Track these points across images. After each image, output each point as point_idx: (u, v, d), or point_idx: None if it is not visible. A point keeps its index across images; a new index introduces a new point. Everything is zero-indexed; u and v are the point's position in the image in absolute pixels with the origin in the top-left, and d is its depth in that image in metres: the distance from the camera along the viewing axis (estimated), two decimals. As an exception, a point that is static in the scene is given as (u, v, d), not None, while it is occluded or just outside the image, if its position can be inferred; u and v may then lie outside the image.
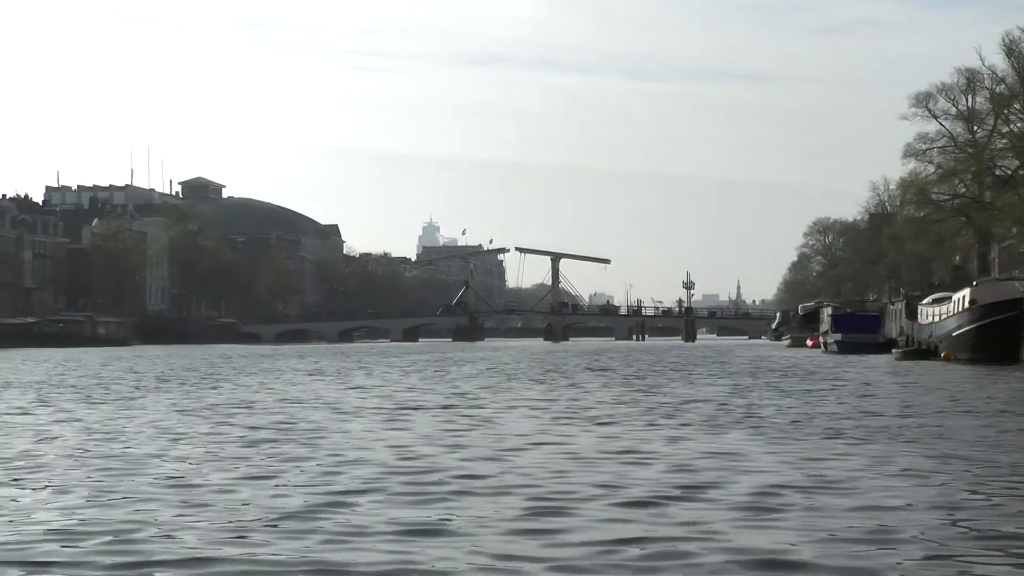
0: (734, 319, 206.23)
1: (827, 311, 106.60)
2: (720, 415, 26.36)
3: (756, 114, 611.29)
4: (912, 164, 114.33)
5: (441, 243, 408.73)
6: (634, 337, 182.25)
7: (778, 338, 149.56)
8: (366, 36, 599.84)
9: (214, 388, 41.25)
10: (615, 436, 21.30)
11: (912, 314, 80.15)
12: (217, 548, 10.88)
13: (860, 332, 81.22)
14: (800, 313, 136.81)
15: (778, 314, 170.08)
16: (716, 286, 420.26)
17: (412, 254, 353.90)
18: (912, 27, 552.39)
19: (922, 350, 68.69)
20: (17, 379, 50.25)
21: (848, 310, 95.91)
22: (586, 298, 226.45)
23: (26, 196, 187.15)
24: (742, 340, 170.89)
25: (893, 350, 73.52)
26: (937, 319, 68.85)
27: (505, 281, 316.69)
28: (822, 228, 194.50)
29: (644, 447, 19.22)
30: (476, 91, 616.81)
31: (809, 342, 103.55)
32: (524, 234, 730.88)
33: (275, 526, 12.04)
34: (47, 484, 15.50)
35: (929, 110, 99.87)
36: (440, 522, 12.09)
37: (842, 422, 24.16)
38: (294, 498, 13.88)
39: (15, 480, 16.01)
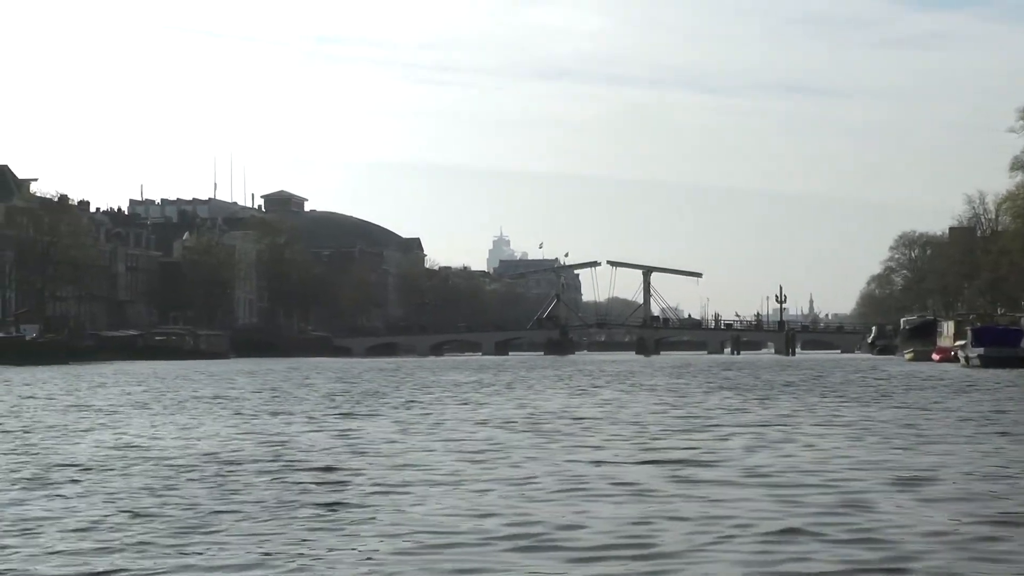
0: (826, 333, 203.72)
1: (948, 324, 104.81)
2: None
3: (824, 128, 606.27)
4: (1020, 176, 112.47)
5: (516, 257, 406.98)
6: (728, 351, 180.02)
7: (880, 352, 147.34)
8: (434, 50, 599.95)
9: (465, 403, 40.69)
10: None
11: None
12: None
13: (1003, 346, 79.22)
14: (905, 327, 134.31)
15: (874, 328, 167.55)
16: (787, 300, 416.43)
17: (482, 267, 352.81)
18: (982, 40, 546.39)
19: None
20: (201, 393, 49.52)
21: (979, 324, 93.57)
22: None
23: (118, 209, 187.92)
24: (834, 354, 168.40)
25: None
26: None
27: (581, 295, 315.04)
28: (907, 242, 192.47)
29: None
30: (543, 105, 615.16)
31: (935, 356, 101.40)
32: (593, 247, 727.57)
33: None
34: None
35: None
36: None
37: None
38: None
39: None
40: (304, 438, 26.04)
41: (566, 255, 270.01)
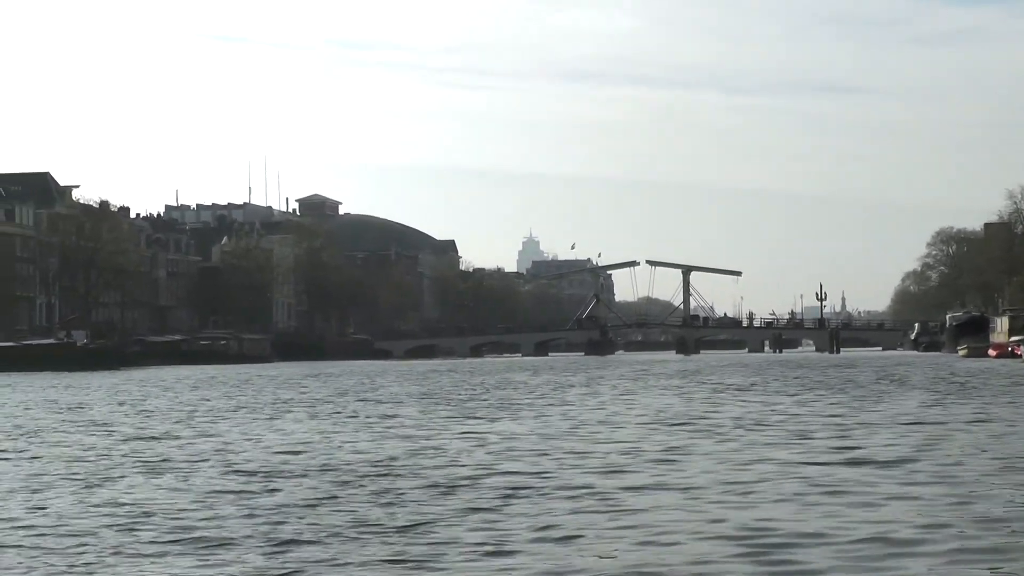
0: (866, 330, 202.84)
1: (1002, 320, 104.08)
2: None
3: (853, 127, 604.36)
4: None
5: (547, 258, 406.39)
6: (770, 349, 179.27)
7: (926, 348, 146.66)
8: (462, 54, 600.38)
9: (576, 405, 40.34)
10: None
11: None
12: None
13: None
14: (952, 323, 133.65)
15: (916, 325, 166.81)
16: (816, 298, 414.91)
17: (512, 268, 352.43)
18: (1013, 35, 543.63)
19: None
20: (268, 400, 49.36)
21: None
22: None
23: (158, 215, 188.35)
24: (877, 352, 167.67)
25: None
26: None
27: (614, 295, 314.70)
28: (945, 238, 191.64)
29: None
30: (571, 107, 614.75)
31: (992, 352, 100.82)
32: (624, 247, 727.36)
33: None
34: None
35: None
36: None
37: None
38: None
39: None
40: (456, 443, 25.72)
41: (599, 255, 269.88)
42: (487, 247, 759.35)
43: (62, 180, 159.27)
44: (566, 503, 15.92)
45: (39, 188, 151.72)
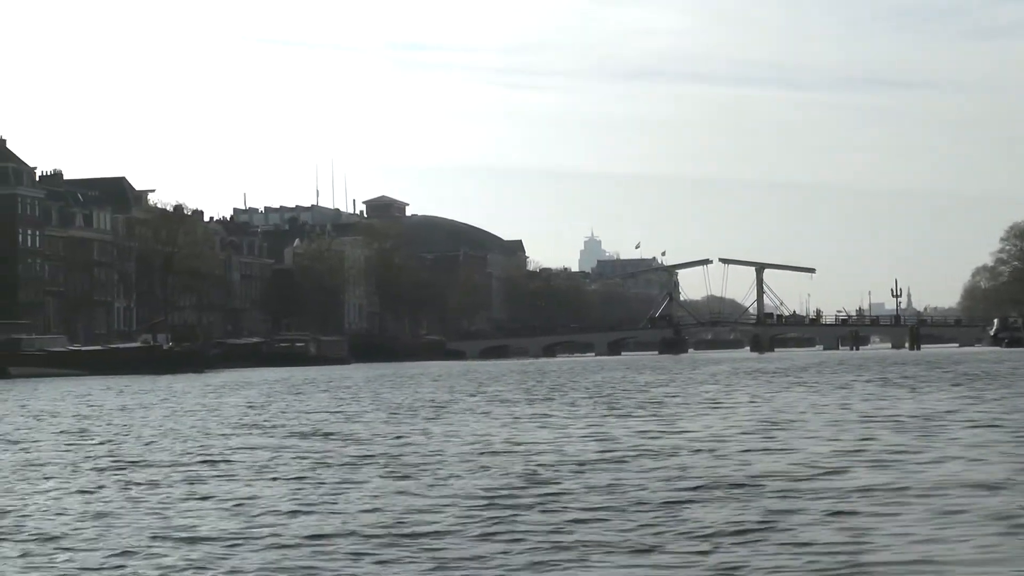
0: (943, 326, 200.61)
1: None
2: None
3: (913, 121, 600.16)
4: None
5: (612, 257, 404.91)
6: (846, 347, 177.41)
7: (1008, 344, 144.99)
8: (520, 54, 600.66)
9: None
10: None
11: None
12: None
13: None
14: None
15: (995, 320, 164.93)
16: (881, 294, 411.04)
17: (574, 268, 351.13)
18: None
19: None
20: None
21: None
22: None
23: (231, 218, 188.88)
24: (953, 348, 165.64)
25: None
26: None
27: (680, 292, 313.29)
28: (1018, 232, 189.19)
29: None
30: (629, 106, 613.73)
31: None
32: (689, 245, 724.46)
33: None
34: None
35: None
36: None
37: None
38: None
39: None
40: (672, 441, 25.55)
41: (663, 254, 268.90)
42: (549, 247, 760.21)
43: (138, 185, 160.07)
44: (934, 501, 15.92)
45: (116, 193, 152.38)
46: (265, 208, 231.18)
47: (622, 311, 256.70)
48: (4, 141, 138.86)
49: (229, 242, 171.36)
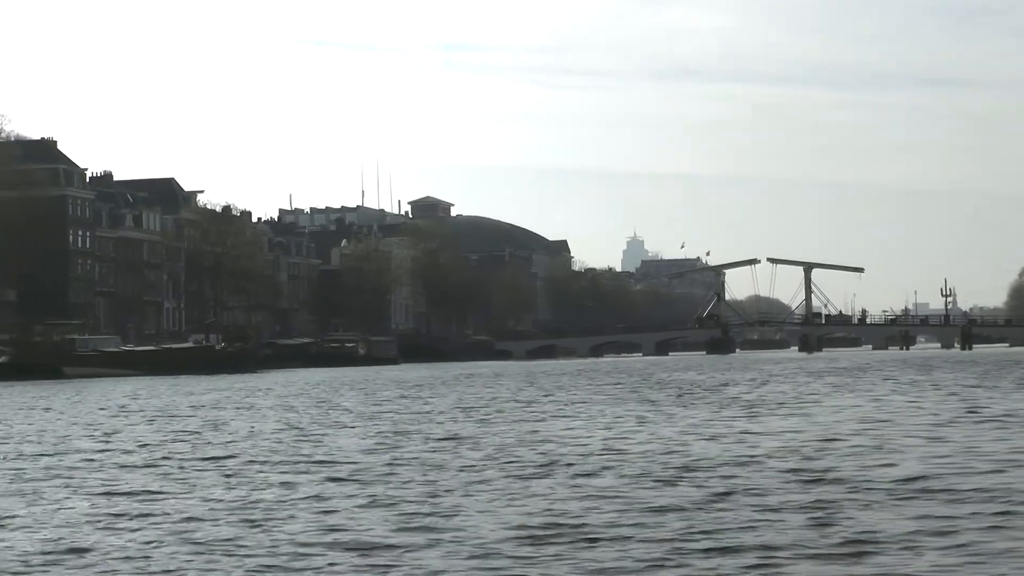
0: (993, 326, 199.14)
1: None
2: None
3: (960, 121, 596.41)
4: None
5: (656, 257, 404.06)
6: (895, 347, 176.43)
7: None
8: (562, 53, 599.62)
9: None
10: None
11: None
12: None
13: None
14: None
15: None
16: (925, 294, 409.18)
17: (616, 267, 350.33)
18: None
19: None
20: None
21: None
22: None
23: (280, 219, 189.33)
24: (1004, 347, 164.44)
25: None
26: None
27: (726, 291, 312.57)
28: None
29: None
30: (672, 105, 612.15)
31: None
32: (733, 245, 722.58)
33: None
34: None
35: None
36: None
37: None
38: None
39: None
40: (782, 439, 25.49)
41: (707, 254, 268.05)
42: (592, 247, 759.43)
43: (186, 186, 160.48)
44: None
45: (165, 194, 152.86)
46: (311, 209, 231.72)
47: (667, 311, 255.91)
48: (55, 143, 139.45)
49: (277, 243, 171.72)
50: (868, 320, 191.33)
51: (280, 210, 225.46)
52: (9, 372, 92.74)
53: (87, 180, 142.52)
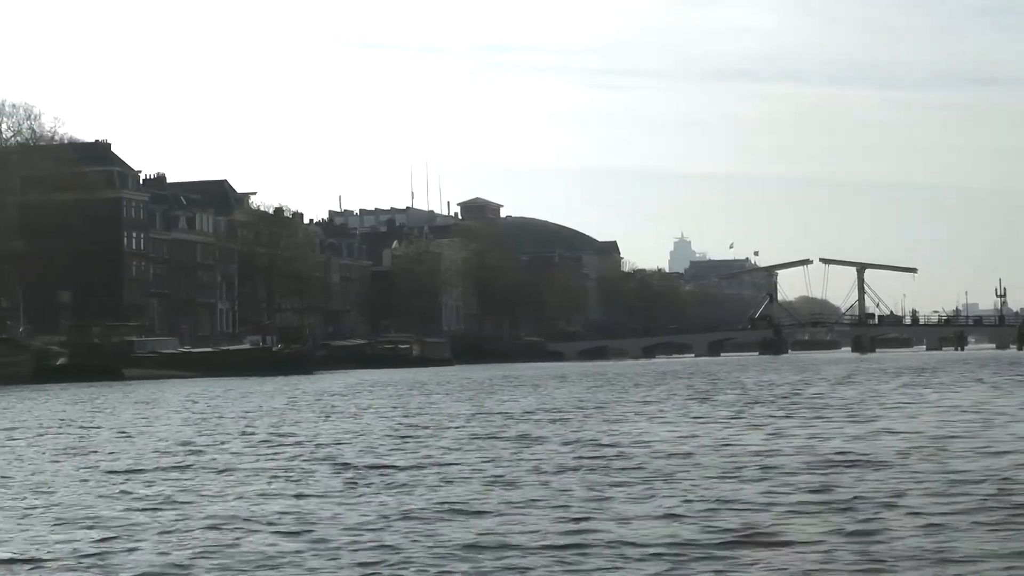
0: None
1: None
2: None
3: (1009, 120, 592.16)
4: None
5: (703, 258, 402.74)
6: (949, 347, 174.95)
7: None
8: (609, 54, 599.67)
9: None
10: None
11: None
12: None
13: None
14: None
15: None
16: (976, 294, 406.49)
17: (664, 268, 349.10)
18: None
19: None
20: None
21: None
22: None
23: (330, 220, 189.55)
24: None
25: None
26: None
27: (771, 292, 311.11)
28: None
29: None
30: (720, 105, 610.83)
31: None
32: (778, 245, 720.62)
33: None
34: None
35: None
36: None
37: None
38: None
39: None
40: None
41: (756, 254, 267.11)
42: (639, 247, 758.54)
43: (239, 187, 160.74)
44: None
45: (218, 196, 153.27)
46: (360, 210, 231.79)
47: (717, 312, 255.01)
48: (109, 145, 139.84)
49: (328, 244, 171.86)
50: (919, 321, 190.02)
51: (329, 211, 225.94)
52: (69, 374, 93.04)
53: (141, 182, 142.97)
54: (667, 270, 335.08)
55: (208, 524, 16.56)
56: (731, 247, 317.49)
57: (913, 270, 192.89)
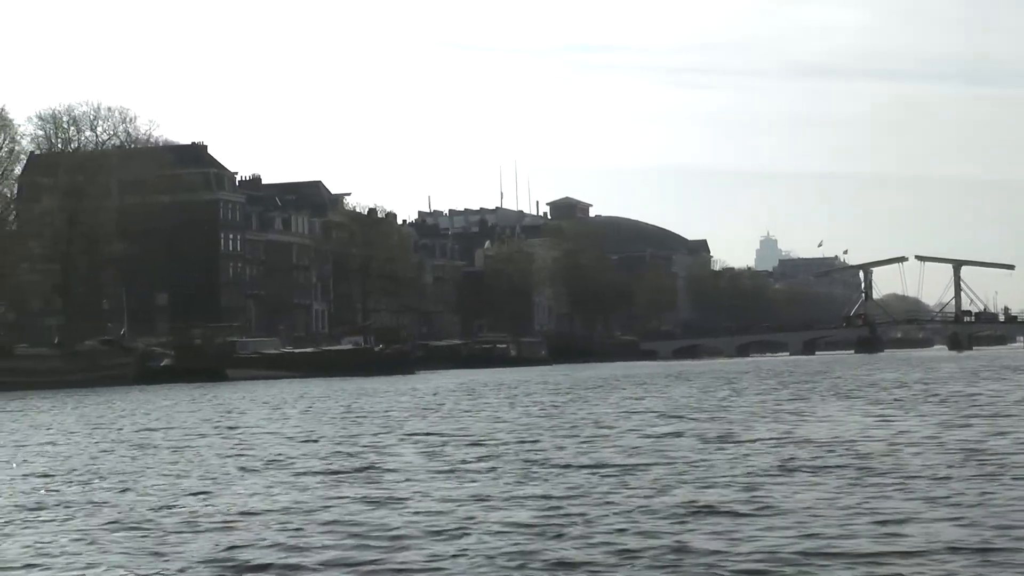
0: None
1: None
2: None
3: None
4: None
5: (790, 256, 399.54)
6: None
7: None
8: (696, 53, 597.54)
9: None
10: None
11: None
12: None
13: None
14: None
15: None
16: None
17: (750, 266, 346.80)
18: None
19: None
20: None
21: None
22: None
23: (421, 221, 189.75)
24: None
25: None
26: None
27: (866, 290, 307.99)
28: None
29: None
30: (808, 103, 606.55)
31: None
32: (866, 243, 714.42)
33: None
34: None
35: None
36: None
37: None
38: None
39: None
40: None
41: (845, 252, 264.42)
42: (725, 246, 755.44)
43: (333, 188, 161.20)
44: None
45: (312, 197, 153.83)
46: (449, 210, 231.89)
47: (808, 310, 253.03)
48: (206, 147, 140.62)
49: (422, 245, 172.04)
50: (1018, 318, 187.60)
51: (419, 212, 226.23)
52: (174, 375, 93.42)
53: (236, 184, 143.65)
54: (752, 267, 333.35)
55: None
56: (819, 245, 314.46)
57: (1011, 267, 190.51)
